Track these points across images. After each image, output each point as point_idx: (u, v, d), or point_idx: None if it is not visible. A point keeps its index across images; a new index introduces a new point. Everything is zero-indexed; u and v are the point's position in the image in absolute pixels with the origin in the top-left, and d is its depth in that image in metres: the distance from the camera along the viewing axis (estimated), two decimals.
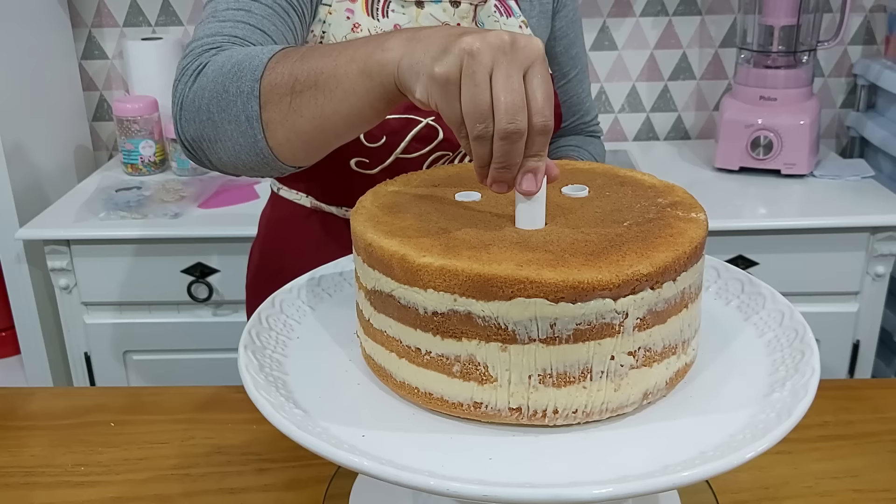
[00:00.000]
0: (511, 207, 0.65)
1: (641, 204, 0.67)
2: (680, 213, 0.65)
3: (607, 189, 0.71)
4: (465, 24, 0.97)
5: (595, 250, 0.58)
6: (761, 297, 0.74)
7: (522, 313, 0.55)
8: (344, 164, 0.99)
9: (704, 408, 0.61)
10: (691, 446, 0.56)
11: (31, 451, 0.93)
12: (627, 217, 0.64)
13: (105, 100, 2.13)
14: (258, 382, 0.61)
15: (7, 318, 1.85)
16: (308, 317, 0.75)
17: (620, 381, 0.59)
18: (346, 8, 0.95)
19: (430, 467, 0.54)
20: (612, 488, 0.51)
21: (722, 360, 0.68)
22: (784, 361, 0.65)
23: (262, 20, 0.84)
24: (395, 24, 0.96)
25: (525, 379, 0.58)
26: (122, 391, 1.11)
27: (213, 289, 1.70)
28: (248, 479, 0.87)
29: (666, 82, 2.12)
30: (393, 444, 0.58)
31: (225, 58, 0.75)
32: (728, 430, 0.58)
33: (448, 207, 0.67)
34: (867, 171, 1.84)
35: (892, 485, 0.84)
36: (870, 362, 1.76)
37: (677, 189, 0.70)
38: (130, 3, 2.05)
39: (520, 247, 0.59)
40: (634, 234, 0.61)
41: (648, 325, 0.58)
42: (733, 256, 1.67)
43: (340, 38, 0.95)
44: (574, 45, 1.12)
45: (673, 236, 0.60)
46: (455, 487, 0.51)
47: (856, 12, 2.04)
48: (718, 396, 0.63)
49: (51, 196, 1.86)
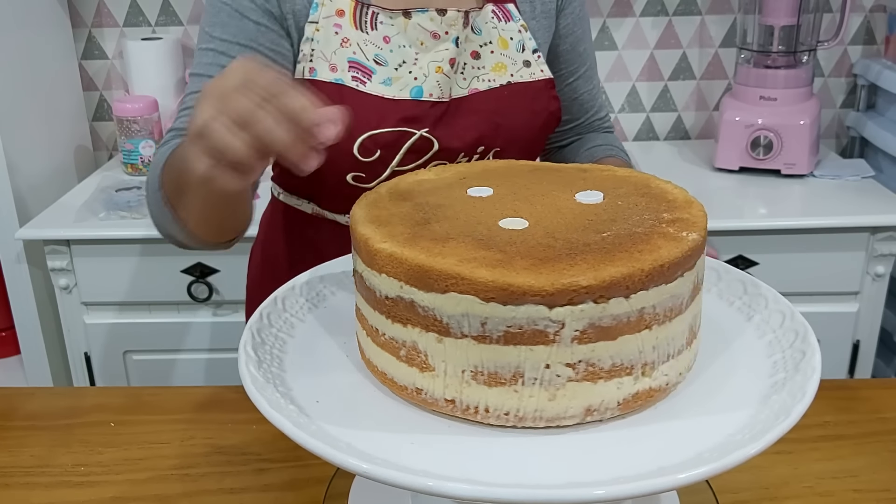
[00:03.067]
0: (513, 203, 0.66)
1: (642, 216, 0.64)
2: (671, 230, 0.61)
3: (623, 198, 0.68)
4: (454, 32, 0.97)
5: (550, 256, 0.57)
6: (763, 299, 0.74)
7: (455, 308, 0.56)
8: (341, 179, 0.98)
9: (705, 408, 0.61)
10: (691, 447, 0.56)
11: (31, 451, 0.93)
12: (614, 227, 0.61)
13: (105, 100, 2.13)
14: (257, 381, 0.61)
15: (7, 318, 1.85)
16: (309, 315, 0.75)
17: (556, 391, 0.57)
18: (335, 24, 0.95)
19: (429, 468, 0.54)
20: (611, 489, 0.51)
21: (722, 360, 0.68)
22: (785, 362, 0.65)
23: None
24: (385, 36, 0.96)
25: (459, 373, 0.58)
26: (122, 391, 1.11)
27: (213, 289, 1.70)
28: (248, 479, 0.87)
29: (666, 82, 2.12)
30: (392, 445, 0.58)
31: (151, 167, 0.91)
32: (727, 431, 0.58)
33: (454, 200, 0.68)
34: (867, 171, 1.85)
35: (892, 485, 0.84)
36: (870, 362, 1.76)
37: (695, 206, 0.66)
38: (130, 3, 2.05)
39: (479, 244, 0.59)
40: (603, 244, 0.58)
41: (591, 339, 0.56)
42: (733, 256, 1.67)
43: (329, 53, 0.95)
44: (582, 42, 1.11)
45: (641, 252, 0.57)
46: (454, 489, 0.51)
47: (856, 12, 2.04)
48: (719, 397, 0.63)
49: (51, 196, 1.86)
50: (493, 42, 1.01)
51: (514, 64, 1.02)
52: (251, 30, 0.93)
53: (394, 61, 0.96)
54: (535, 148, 1.08)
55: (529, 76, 1.02)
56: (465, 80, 1.00)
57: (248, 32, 0.93)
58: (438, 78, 0.96)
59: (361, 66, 0.95)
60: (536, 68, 1.03)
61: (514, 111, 1.01)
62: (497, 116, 0.99)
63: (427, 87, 0.96)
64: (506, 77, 1.01)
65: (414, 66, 0.96)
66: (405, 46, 0.96)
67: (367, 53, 0.95)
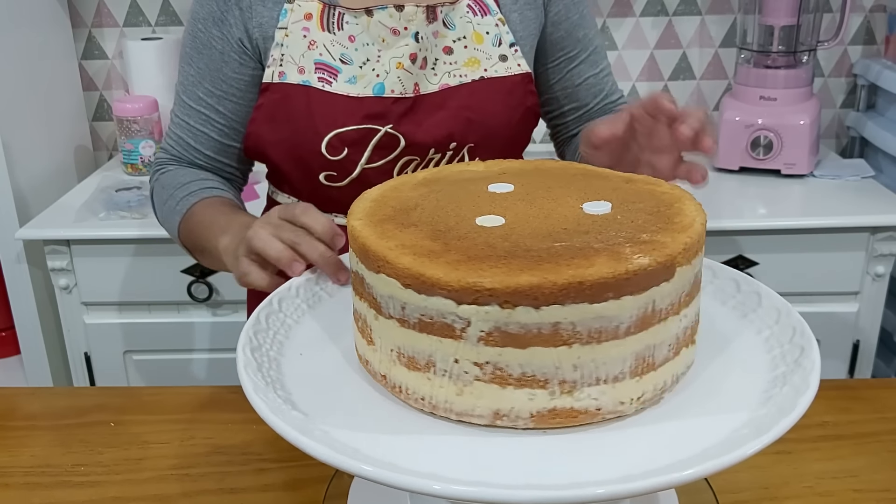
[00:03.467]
0: (514, 203, 0.66)
1: (618, 233, 0.61)
2: (629, 251, 0.58)
3: (628, 213, 0.65)
4: (414, 28, 0.97)
5: (481, 255, 0.57)
6: (757, 296, 0.74)
7: (384, 289, 0.60)
8: (314, 178, 1.00)
9: (705, 408, 0.61)
10: (695, 444, 0.56)
11: (31, 451, 0.93)
12: (578, 239, 0.59)
13: (105, 100, 2.13)
14: (257, 385, 0.61)
15: (7, 318, 1.85)
16: (307, 316, 0.75)
17: (464, 387, 0.58)
18: (303, 27, 0.98)
19: (430, 470, 0.54)
20: (611, 488, 0.51)
21: (721, 358, 0.68)
22: (784, 357, 0.65)
23: (197, 135, 1.03)
24: (350, 35, 0.98)
25: (388, 350, 0.62)
26: (122, 391, 1.11)
27: (212, 289, 1.70)
28: (248, 479, 0.87)
29: (666, 82, 2.12)
30: (392, 447, 0.58)
31: (157, 201, 1.05)
32: (731, 426, 0.58)
33: (465, 192, 0.69)
34: (867, 171, 1.85)
35: (892, 485, 0.84)
36: (870, 362, 1.76)
37: (689, 231, 0.61)
38: (130, 3, 2.05)
39: (434, 234, 0.61)
40: (545, 253, 0.57)
41: (498, 343, 0.56)
42: (733, 256, 1.67)
43: (298, 56, 0.98)
44: (580, 28, 1.08)
45: (569, 266, 0.55)
46: (454, 490, 0.51)
47: (856, 12, 2.04)
48: (719, 395, 0.63)
49: (51, 196, 1.86)
50: (466, 37, 1.01)
51: (489, 59, 1.01)
52: (217, 60, 1.01)
53: (358, 59, 0.98)
54: (515, 144, 1.07)
55: (505, 70, 1.02)
56: (437, 76, 1.00)
57: (215, 62, 1.01)
58: (399, 74, 0.98)
59: (328, 67, 0.98)
60: (513, 63, 1.02)
61: (486, 106, 1.00)
62: (468, 111, 1.00)
63: (388, 83, 0.98)
64: (479, 72, 1.01)
65: (377, 63, 0.98)
66: (368, 44, 0.98)
67: (333, 54, 0.98)
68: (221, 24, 0.99)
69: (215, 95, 1.02)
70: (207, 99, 1.02)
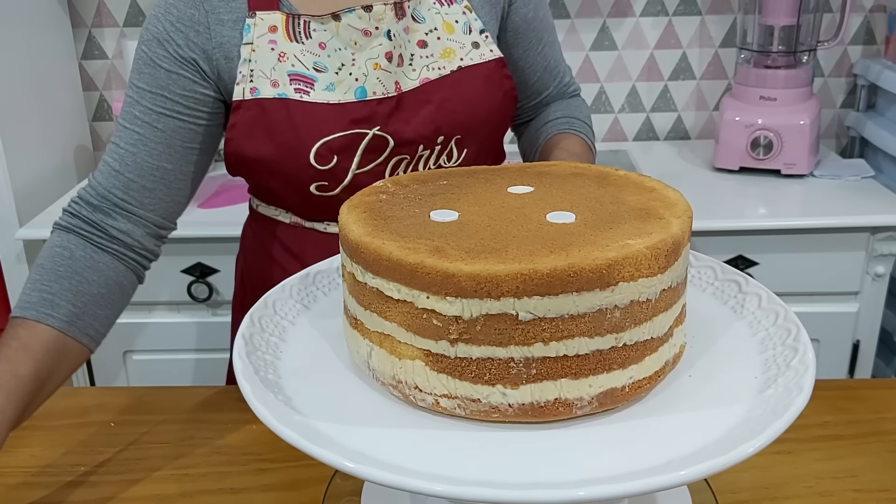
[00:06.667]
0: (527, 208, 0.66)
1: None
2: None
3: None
4: (385, 26, 0.96)
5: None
6: (756, 298, 0.74)
7: None
8: (304, 190, 0.98)
9: (697, 403, 0.61)
10: (690, 443, 0.56)
11: (31, 451, 0.93)
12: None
13: (105, 100, 2.13)
14: (257, 390, 0.61)
15: (7, 318, 1.85)
16: (301, 317, 0.75)
17: None
18: (269, 40, 0.95)
19: (431, 470, 0.54)
20: (612, 488, 0.51)
21: (715, 358, 0.68)
22: (776, 359, 0.65)
23: (123, 156, 0.94)
24: (320, 42, 0.96)
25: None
26: (122, 391, 1.11)
27: (212, 289, 1.70)
28: (248, 479, 0.87)
29: (666, 82, 2.12)
30: (391, 446, 0.58)
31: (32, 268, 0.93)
32: (727, 424, 0.58)
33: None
34: (867, 171, 1.85)
35: (892, 485, 0.84)
36: (870, 362, 1.76)
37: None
38: (130, 3, 2.05)
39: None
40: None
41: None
42: (733, 256, 1.67)
43: (269, 70, 0.95)
44: (540, 7, 1.09)
45: None
46: (453, 490, 0.51)
47: (856, 12, 2.04)
48: (712, 395, 0.63)
49: (51, 196, 1.86)
50: (438, 28, 1.00)
51: (463, 47, 1.01)
52: (163, 77, 0.95)
53: (333, 66, 0.96)
54: (498, 130, 1.07)
55: (479, 57, 1.01)
56: (416, 71, 0.99)
57: (160, 80, 0.95)
58: (378, 74, 0.97)
59: (302, 77, 0.96)
60: (486, 48, 1.02)
61: (468, 95, 1.00)
62: (451, 103, 0.99)
63: (369, 85, 0.97)
64: (455, 62, 1.00)
65: (353, 66, 0.96)
66: (341, 49, 0.96)
67: (305, 63, 0.96)
68: (167, 44, 0.94)
69: (154, 112, 0.95)
70: (143, 117, 0.95)
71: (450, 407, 0.60)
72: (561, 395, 0.58)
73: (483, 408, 0.59)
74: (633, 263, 0.57)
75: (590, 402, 0.59)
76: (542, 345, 0.57)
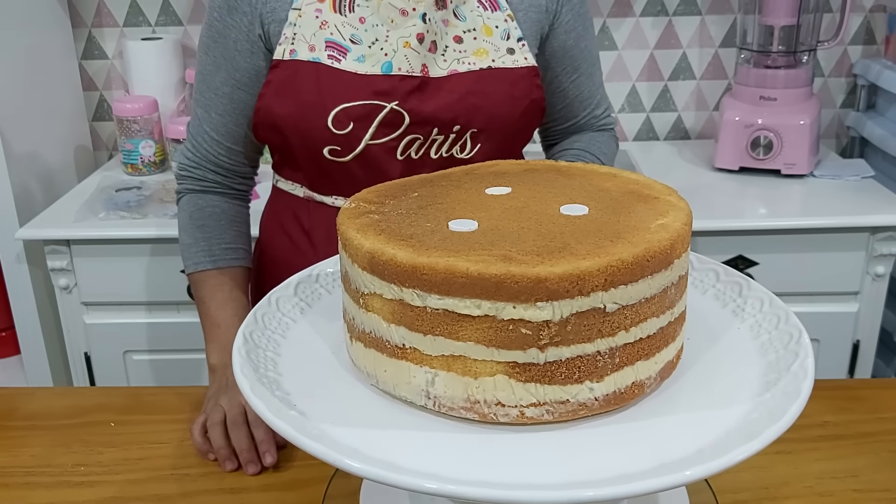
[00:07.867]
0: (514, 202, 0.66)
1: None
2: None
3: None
4: (422, 9, 1.00)
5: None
6: (759, 301, 0.73)
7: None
8: (318, 153, 1.02)
9: (696, 405, 0.61)
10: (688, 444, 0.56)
11: (31, 451, 0.93)
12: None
13: (105, 100, 2.13)
14: (255, 387, 0.61)
15: (7, 318, 1.85)
16: (304, 315, 0.75)
17: None
18: (315, 9, 1.01)
19: (428, 468, 0.54)
20: (611, 489, 0.51)
21: (714, 359, 0.68)
22: (777, 364, 0.65)
23: (217, 125, 1.07)
24: (361, 17, 1.00)
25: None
26: (122, 391, 1.11)
27: None
28: (248, 479, 0.87)
29: (666, 82, 2.12)
30: (390, 445, 0.58)
31: (181, 234, 1.11)
32: (725, 426, 0.58)
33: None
34: (867, 171, 1.85)
35: (892, 485, 0.84)
36: (870, 362, 1.76)
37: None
38: (130, 3, 2.05)
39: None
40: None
41: None
42: (733, 256, 1.67)
43: (309, 35, 1.01)
44: (583, 38, 1.11)
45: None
46: (452, 490, 0.51)
47: (856, 12, 2.04)
48: (711, 396, 0.63)
49: (51, 196, 1.86)
50: (476, 29, 1.03)
51: (497, 50, 1.04)
52: (230, 49, 1.03)
53: (368, 40, 1.01)
54: (518, 136, 1.08)
55: (512, 62, 1.04)
56: (446, 62, 1.02)
57: (228, 52, 1.04)
58: (406, 52, 1.00)
59: (337, 46, 1.01)
60: (520, 56, 1.04)
61: (492, 94, 1.02)
62: (474, 97, 1.01)
63: (396, 61, 1.00)
64: (487, 62, 1.03)
65: (385, 42, 1.00)
66: (378, 25, 1.00)
67: (343, 34, 1.01)
68: (234, 13, 1.02)
69: (230, 84, 1.05)
70: (224, 88, 1.05)
71: (536, 415, 0.59)
72: (637, 377, 0.60)
73: (571, 407, 0.59)
74: (681, 241, 0.60)
75: (654, 379, 0.62)
76: (624, 332, 0.58)
